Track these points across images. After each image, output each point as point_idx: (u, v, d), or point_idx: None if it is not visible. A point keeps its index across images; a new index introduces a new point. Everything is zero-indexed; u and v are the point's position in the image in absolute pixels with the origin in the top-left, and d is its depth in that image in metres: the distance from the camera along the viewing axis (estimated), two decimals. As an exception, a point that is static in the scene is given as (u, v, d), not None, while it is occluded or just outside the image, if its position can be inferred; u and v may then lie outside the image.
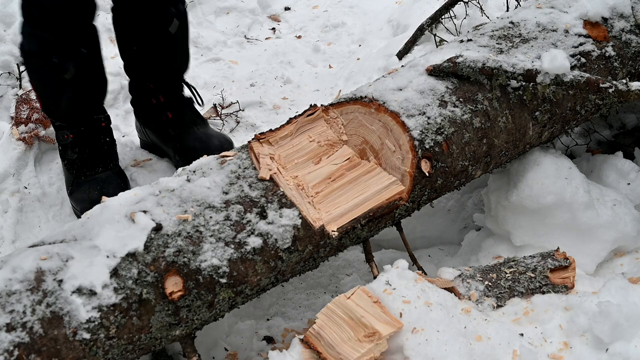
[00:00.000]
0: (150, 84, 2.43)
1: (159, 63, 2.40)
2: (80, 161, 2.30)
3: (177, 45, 2.39)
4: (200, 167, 1.63)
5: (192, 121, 2.47)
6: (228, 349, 1.82)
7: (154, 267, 1.41)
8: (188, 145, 2.43)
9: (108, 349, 1.36)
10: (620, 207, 1.91)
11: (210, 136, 2.44)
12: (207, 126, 2.51)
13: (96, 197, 2.22)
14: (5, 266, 1.38)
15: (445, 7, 2.91)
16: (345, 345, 1.39)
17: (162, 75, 2.43)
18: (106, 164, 2.33)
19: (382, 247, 2.22)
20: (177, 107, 2.46)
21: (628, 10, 2.03)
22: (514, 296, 1.60)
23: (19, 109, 2.55)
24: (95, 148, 2.32)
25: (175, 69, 2.45)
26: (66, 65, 2.12)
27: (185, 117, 2.47)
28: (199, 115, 2.53)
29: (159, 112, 2.45)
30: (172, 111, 2.44)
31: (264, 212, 1.53)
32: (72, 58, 2.13)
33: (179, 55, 2.44)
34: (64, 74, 2.13)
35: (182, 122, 2.45)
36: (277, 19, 3.86)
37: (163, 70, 2.42)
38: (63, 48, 2.11)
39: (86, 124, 2.29)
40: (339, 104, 1.74)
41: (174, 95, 2.46)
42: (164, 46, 2.35)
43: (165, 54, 2.38)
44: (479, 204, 2.24)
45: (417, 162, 1.64)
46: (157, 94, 2.44)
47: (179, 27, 2.31)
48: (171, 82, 2.45)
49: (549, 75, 1.68)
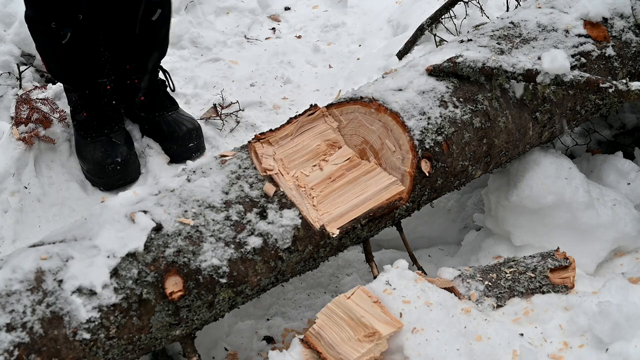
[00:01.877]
0: (127, 65, 2.51)
1: (138, 48, 2.48)
2: (86, 122, 2.42)
3: (157, 33, 2.47)
4: (200, 167, 1.63)
5: (163, 105, 2.57)
6: (228, 349, 1.82)
7: (154, 267, 1.41)
8: (156, 128, 2.54)
9: (108, 349, 1.36)
10: (620, 207, 1.91)
11: (179, 122, 2.54)
12: (177, 111, 2.60)
13: (99, 158, 2.37)
14: (5, 266, 1.38)
15: (445, 7, 2.91)
16: (345, 345, 1.39)
17: (139, 59, 2.50)
18: (111, 126, 2.45)
19: (382, 247, 2.22)
20: (150, 90, 2.54)
21: (628, 10, 2.03)
22: (514, 296, 1.60)
23: (19, 109, 2.55)
24: (100, 110, 2.42)
25: (154, 55, 2.53)
26: (63, 30, 2.22)
27: (157, 100, 2.56)
28: (171, 99, 2.62)
29: (132, 93, 2.54)
30: (145, 94, 2.54)
31: (264, 212, 1.53)
32: (68, 24, 2.22)
33: (159, 42, 2.52)
34: (62, 39, 2.23)
35: (153, 106, 2.54)
36: (277, 19, 3.86)
37: (141, 55, 2.50)
38: (60, 13, 2.21)
39: (90, 87, 2.40)
40: (339, 104, 1.74)
41: (149, 79, 2.54)
42: (144, 33, 2.43)
43: (145, 41, 2.46)
44: (479, 204, 2.24)
45: (417, 162, 1.64)
46: (132, 76, 2.52)
47: (160, 15, 2.39)
48: (148, 66, 2.53)
49: (549, 75, 1.67)
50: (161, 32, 2.49)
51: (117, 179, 2.39)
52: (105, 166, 2.36)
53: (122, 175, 2.40)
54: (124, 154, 2.39)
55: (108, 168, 2.36)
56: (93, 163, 2.38)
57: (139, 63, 2.51)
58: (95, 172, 2.40)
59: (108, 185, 2.41)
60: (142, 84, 2.53)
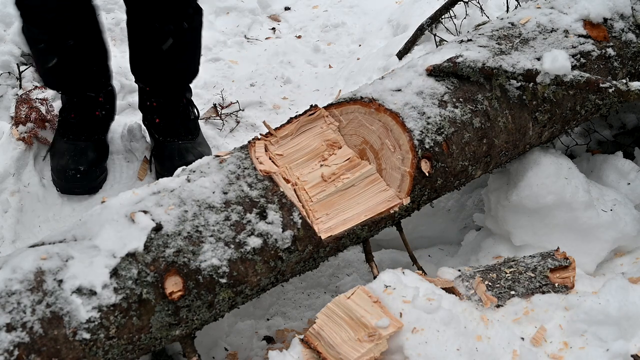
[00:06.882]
0: (147, 87, 2.48)
1: (154, 74, 2.45)
2: (69, 123, 2.43)
3: (173, 61, 2.39)
4: (200, 167, 1.63)
5: (177, 132, 2.49)
6: (228, 349, 1.82)
7: (154, 267, 1.41)
8: (160, 153, 2.49)
9: (108, 349, 1.36)
10: (620, 207, 1.91)
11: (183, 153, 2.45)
12: (194, 141, 2.51)
13: (64, 161, 2.37)
14: (5, 266, 1.38)
15: (445, 7, 2.90)
16: (345, 345, 1.39)
17: (157, 85, 2.47)
18: (90, 134, 2.44)
19: (382, 247, 2.22)
20: (166, 115, 2.49)
21: (628, 11, 2.03)
22: (514, 296, 1.60)
23: (19, 109, 2.55)
24: (84, 117, 2.43)
25: (171, 82, 2.48)
26: (50, 57, 2.24)
27: (171, 126, 2.49)
28: (189, 128, 2.53)
29: (150, 113, 2.51)
30: (160, 117, 2.49)
31: (264, 212, 1.53)
32: (55, 51, 2.23)
33: (176, 70, 2.45)
34: (48, 62, 2.25)
35: (167, 130, 2.48)
36: (277, 19, 3.86)
37: (157, 81, 2.46)
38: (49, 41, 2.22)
39: (79, 97, 2.40)
40: (339, 104, 1.74)
41: (166, 103, 2.49)
42: (158, 61, 2.38)
43: (159, 68, 2.41)
44: (479, 204, 2.24)
45: (417, 162, 1.64)
46: (152, 98, 2.48)
47: (175, 44, 2.30)
48: (165, 91, 2.48)
49: (549, 75, 1.68)
50: (179, 60, 2.41)
51: (75, 185, 2.39)
52: (66, 170, 2.36)
53: (80, 184, 2.39)
54: (88, 165, 2.37)
55: (68, 173, 2.35)
56: (57, 164, 2.39)
57: (157, 88, 2.47)
58: (56, 173, 2.40)
59: (64, 189, 2.40)
60: (159, 107, 2.48)
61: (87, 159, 2.38)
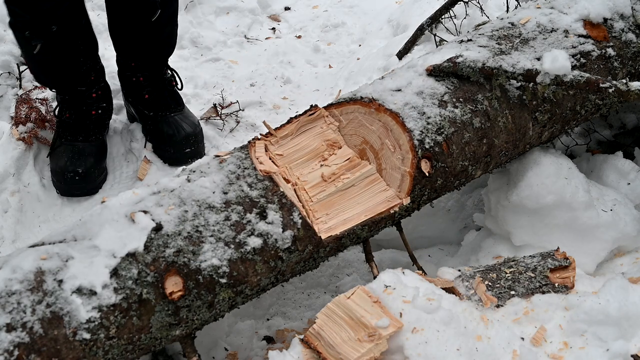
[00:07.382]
0: (132, 63, 2.51)
1: (141, 47, 2.47)
2: (65, 123, 2.43)
3: (159, 32, 2.45)
4: (200, 167, 1.63)
5: (167, 105, 2.55)
6: (228, 349, 1.82)
7: (154, 267, 1.41)
8: (158, 129, 2.53)
9: (108, 349, 1.36)
10: (620, 207, 1.91)
11: (179, 125, 2.52)
12: (182, 112, 2.58)
13: (63, 163, 2.37)
14: (5, 266, 1.38)
15: (445, 7, 2.90)
16: (345, 345, 1.39)
17: (143, 57, 2.50)
18: (87, 134, 2.44)
19: (382, 247, 2.22)
20: (155, 89, 2.53)
21: (628, 11, 2.03)
22: (514, 296, 1.60)
23: (19, 109, 2.55)
24: (80, 117, 2.42)
25: (157, 54, 2.52)
26: (34, 41, 2.22)
27: (161, 100, 2.54)
28: (177, 99, 2.61)
29: (137, 90, 2.53)
30: (149, 92, 2.53)
31: (264, 212, 1.53)
32: (40, 35, 2.21)
33: (162, 41, 2.50)
34: (33, 49, 2.23)
35: (157, 105, 2.53)
36: (277, 19, 3.86)
37: (144, 53, 2.49)
38: (33, 24, 2.20)
39: (69, 94, 2.40)
40: (339, 104, 1.74)
41: (153, 77, 2.53)
42: (145, 32, 2.42)
43: (147, 40, 2.45)
44: (479, 204, 2.24)
45: (417, 162, 1.64)
46: (137, 74, 2.51)
47: (161, 15, 2.36)
48: (152, 65, 2.52)
49: (549, 75, 1.68)
50: (164, 31, 2.48)
51: (74, 187, 2.39)
52: (65, 173, 2.36)
53: (79, 186, 2.39)
54: (87, 166, 2.38)
55: (67, 175, 2.36)
56: (56, 166, 2.39)
57: (143, 61, 2.51)
58: (55, 175, 2.40)
59: (64, 192, 2.40)
60: (146, 82, 2.53)
61: (85, 160, 2.39)
